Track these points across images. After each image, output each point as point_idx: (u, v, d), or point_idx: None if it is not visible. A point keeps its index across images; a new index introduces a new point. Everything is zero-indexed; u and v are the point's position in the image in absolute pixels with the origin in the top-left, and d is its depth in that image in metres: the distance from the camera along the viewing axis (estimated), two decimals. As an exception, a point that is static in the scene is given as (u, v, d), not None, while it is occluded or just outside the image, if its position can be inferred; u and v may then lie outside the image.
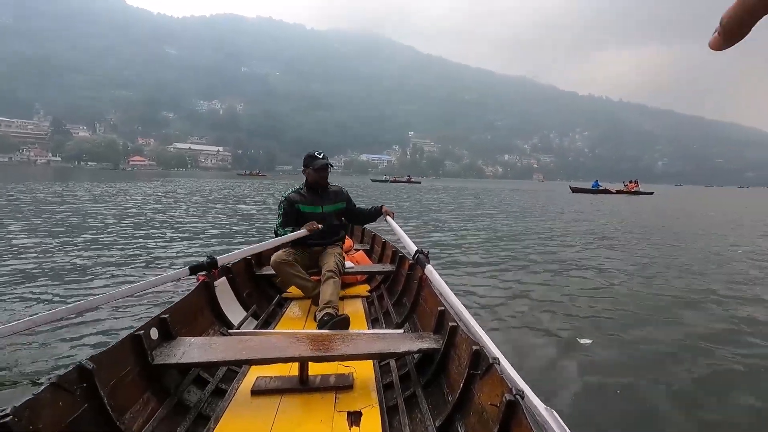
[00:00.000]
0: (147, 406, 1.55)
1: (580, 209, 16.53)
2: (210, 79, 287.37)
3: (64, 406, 1.23)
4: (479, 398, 1.40)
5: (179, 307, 2.07)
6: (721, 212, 17.40)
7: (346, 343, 1.83)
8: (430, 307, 2.25)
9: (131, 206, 11.98)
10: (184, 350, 1.73)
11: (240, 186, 29.30)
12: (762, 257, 6.72)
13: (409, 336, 2.02)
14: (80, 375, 1.32)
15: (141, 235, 7.09)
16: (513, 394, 1.17)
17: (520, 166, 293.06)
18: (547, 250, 6.91)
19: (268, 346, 1.79)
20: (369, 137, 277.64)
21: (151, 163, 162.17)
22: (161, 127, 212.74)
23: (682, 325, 3.40)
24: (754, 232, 10.30)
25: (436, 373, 1.78)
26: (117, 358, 1.51)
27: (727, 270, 5.62)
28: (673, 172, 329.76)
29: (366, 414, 1.57)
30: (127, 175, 57.36)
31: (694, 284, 4.74)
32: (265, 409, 1.61)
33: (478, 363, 1.48)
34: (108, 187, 21.76)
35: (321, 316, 2.40)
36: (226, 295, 2.69)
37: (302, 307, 2.92)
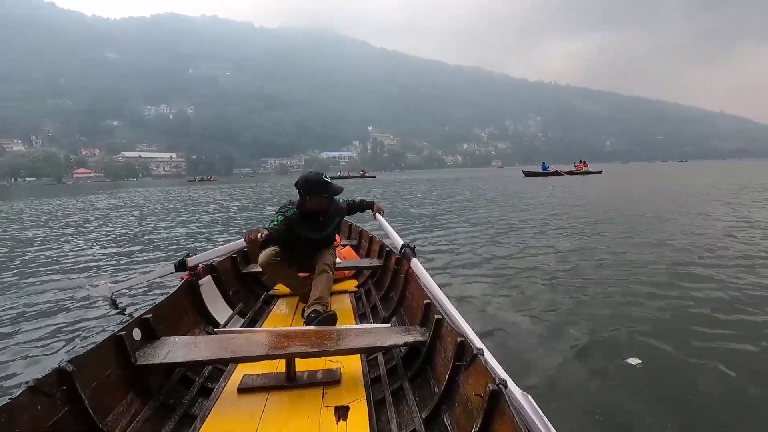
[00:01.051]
0: (131, 408, 1.52)
1: (538, 192, 16.85)
2: (156, 83, 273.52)
3: (42, 409, 1.21)
4: (464, 389, 1.41)
5: (162, 307, 2.04)
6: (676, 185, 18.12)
7: (333, 338, 1.81)
8: (417, 300, 2.24)
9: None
10: (168, 350, 1.70)
11: (186, 195, 26.03)
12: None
13: (395, 330, 2.01)
14: (60, 378, 1.30)
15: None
16: (496, 383, 1.18)
17: (479, 153, 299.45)
18: (511, 233, 6.96)
19: (255, 343, 1.77)
20: (328, 135, 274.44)
21: (98, 174, 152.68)
22: (106, 136, 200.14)
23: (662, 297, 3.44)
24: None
25: (423, 365, 1.78)
26: (98, 359, 1.48)
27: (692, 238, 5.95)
28: (620, 151, 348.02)
29: (353, 408, 1.57)
30: (68, 189, 53.64)
31: (669, 256, 4.89)
32: (251, 407, 1.59)
33: (462, 354, 1.49)
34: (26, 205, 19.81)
35: (308, 313, 2.37)
36: (212, 294, 2.66)
37: (289, 305, 2.91)
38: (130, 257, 5.86)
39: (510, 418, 1.09)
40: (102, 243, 7.28)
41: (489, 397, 1.18)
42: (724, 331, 2.70)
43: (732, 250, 5.03)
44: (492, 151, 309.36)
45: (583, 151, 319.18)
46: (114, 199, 21.98)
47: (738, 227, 6.68)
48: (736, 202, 10.46)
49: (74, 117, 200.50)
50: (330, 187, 2.59)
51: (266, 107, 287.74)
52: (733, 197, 11.66)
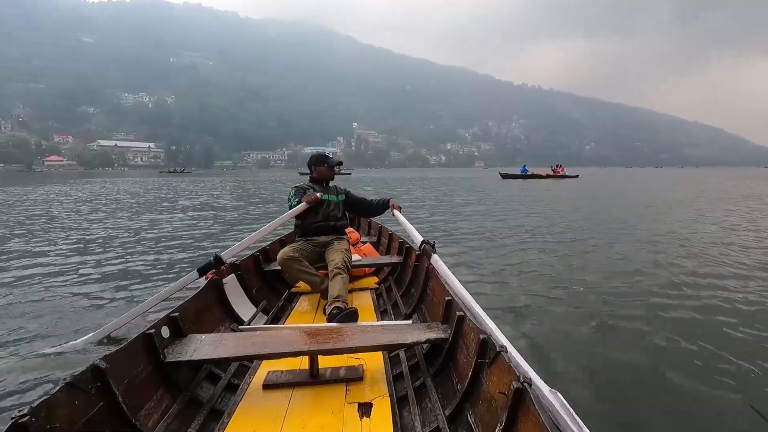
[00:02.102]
0: (161, 403, 1.58)
1: (516, 195, 16.94)
2: (135, 70, 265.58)
3: (79, 405, 1.25)
4: (487, 386, 1.41)
5: (189, 306, 2.09)
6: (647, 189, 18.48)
7: (356, 335, 1.83)
8: (438, 297, 2.24)
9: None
10: (195, 347, 1.75)
11: (159, 187, 24.77)
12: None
13: (417, 327, 2.01)
14: (94, 374, 1.35)
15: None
16: (520, 381, 1.18)
17: (463, 154, 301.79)
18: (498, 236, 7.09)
19: (278, 340, 1.81)
20: (312, 130, 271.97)
21: (71, 162, 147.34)
22: (81, 122, 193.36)
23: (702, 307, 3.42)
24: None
25: (445, 362, 1.78)
26: (130, 356, 1.53)
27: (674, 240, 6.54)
28: (599, 156, 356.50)
29: (376, 405, 1.58)
30: (37, 177, 51.48)
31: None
32: (276, 403, 1.62)
33: (485, 351, 1.49)
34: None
35: (330, 310, 2.43)
36: (236, 292, 2.72)
37: (311, 302, 2.94)
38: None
39: (535, 417, 1.08)
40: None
41: (513, 395, 1.18)
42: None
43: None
44: (475, 151, 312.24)
45: (563, 154, 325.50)
46: (79, 192, 20.99)
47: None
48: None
49: (47, 101, 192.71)
50: (329, 159, 3.21)
51: (248, 99, 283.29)
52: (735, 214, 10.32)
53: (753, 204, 12.62)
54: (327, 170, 3.17)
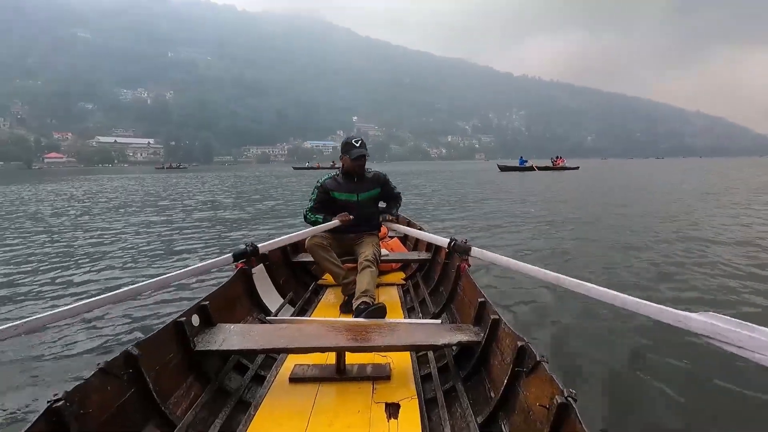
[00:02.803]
0: (190, 392, 1.60)
1: (515, 191, 16.48)
2: (132, 65, 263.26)
3: (112, 390, 1.28)
4: (525, 397, 1.34)
5: (219, 295, 2.10)
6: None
7: (384, 333, 1.82)
8: (469, 297, 2.20)
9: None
10: (224, 337, 1.77)
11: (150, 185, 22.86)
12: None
13: (447, 327, 2.00)
14: (127, 361, 1.37)
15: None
16: (564, 396, 1.11)
17: (463, 146, 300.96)
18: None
19: (306, 334, 1.81)
20: (311, 124, 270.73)
21: (70, 159, 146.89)
22: (79, 119, 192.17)
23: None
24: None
25: (477, 367, 1.75)
26: (161, 344, 1.56)
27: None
28: (600, 147, 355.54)
29: (404, 406, 1.56)
30: (34, 174, 51.11)
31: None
32: (303, 397, 1.63)
33: (523, 360, 1.42)
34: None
35: (357, 305, 2.41)
36: (264, 282, 2.73)
37: (338, 295, 2.90)
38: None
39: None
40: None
41: (557, 410, 1.11)
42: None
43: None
44: (476, 144, 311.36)
45: (564, 146, 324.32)
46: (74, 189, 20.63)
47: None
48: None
49: (44, 99, 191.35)
50: (352, 149, 2.83)
51: (247, 94, 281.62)
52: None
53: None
54: (349, 162, 2.85)
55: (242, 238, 5.85)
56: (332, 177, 2.98)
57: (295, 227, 6.24)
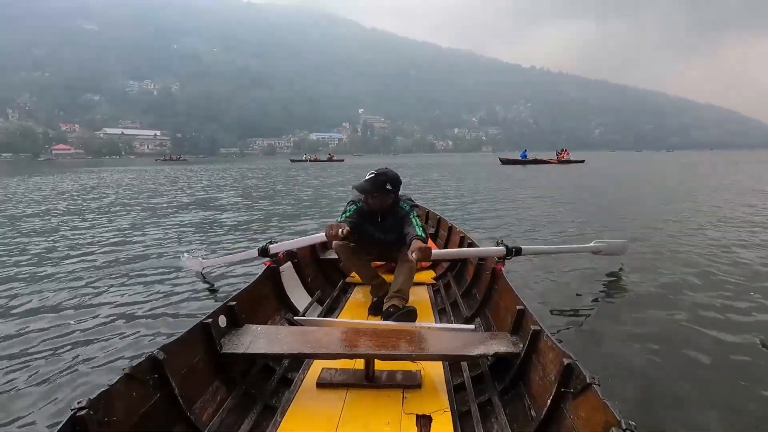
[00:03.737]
0: (216, 396, 1.56)
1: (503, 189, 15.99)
2: (138, 57, 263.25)
3: (137, 396, 1.24)
4: (573, 422, 1.24)
5: (246, 294, 2.06)
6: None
7: (414, 340, 1.75)
8: (506, 303, 2.10)
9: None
10: (251, 339, 1.73)
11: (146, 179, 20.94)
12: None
13: (482, 336, 1.91)
14: (152, 365, 1.33)
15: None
16: (623, 428, 1.01)
17: (470, 139, 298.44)
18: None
19: (334, 339, 1.77)
20: (317, 116, 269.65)
21: (78, 151, 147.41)
22: (86, 111, 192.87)
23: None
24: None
25: (514, 380, 1.65)
26: (187, 347, 1.52)
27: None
28: (608, 140, 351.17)
29: (436, 419, 1.49)
30: (39, 166, 51.00)
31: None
32: (331, 404, 1.58)
33: (570, 380, 1.30)
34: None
35: (387, 307, 2.29)
36: (291, 281, 2.68)
37: (366, 294, 2.82)
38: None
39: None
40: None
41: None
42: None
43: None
44: (482, 136, 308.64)
45: (572, 139, 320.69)
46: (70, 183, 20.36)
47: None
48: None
49: (52, 90, 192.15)
50: (376, 184, 2.47)
51: (253, 86, 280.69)
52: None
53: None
54: (379, 200, 2.52)
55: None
56: (363, 202, 2.61)
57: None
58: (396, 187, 2.50)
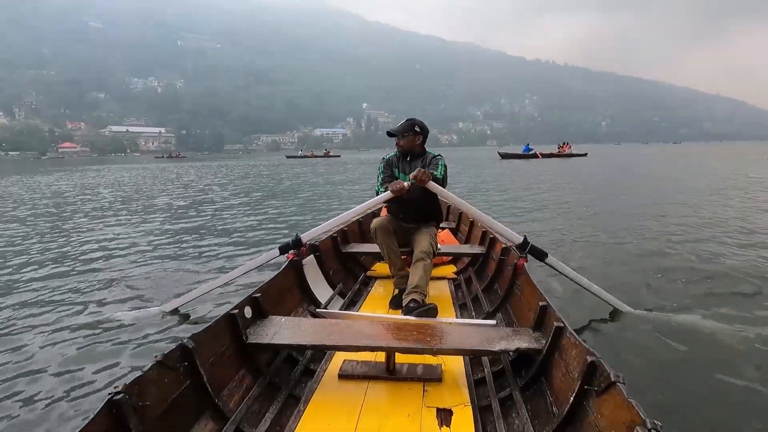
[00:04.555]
0: (242, 384, 1.61)
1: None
2: (142, 54, 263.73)
3: (168, 383, 1.30)
4: (596, 419, 1.22)
5: (270, 286, 2.10)
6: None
7: (436, 334, 1.76)
8: (528, 299, 2.09)
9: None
10: (275, 330, 1.77)
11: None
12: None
13: (503, 331, 1.90)
14: (182, 353, 1.39)
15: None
16: (648, 428, 0.98)
17: (474, 133, 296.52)
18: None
19: (356, 332, 1.79)
20: (321, 111, 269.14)
21: (84, 149, 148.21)
22: (92, 109, 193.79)
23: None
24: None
25: (536, 376, 1.64)
26: (214, 336, 1.57)
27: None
28: (616, 132, 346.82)
29: (457, 413, 1.50)
30: (43, 164, 51.21)
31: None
32: (352, 395, 1.60)
33: (593, 377, 1.29)
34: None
35: (407, 302, 2.31)
36: (314, 273, 2.71)
37: (387, 287, 2.86)
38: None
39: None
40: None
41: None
42: None
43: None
44: (487, 130, 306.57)
45: (578, 132, 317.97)
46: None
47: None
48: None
49: (57, 88, 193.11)
50: (401, 125, 2.78)
51: (257, 82, 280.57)
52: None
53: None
54: (409, 143, 2.78)
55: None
56: (395, 155, 2.90)
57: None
58: (424, 131, 2.76)
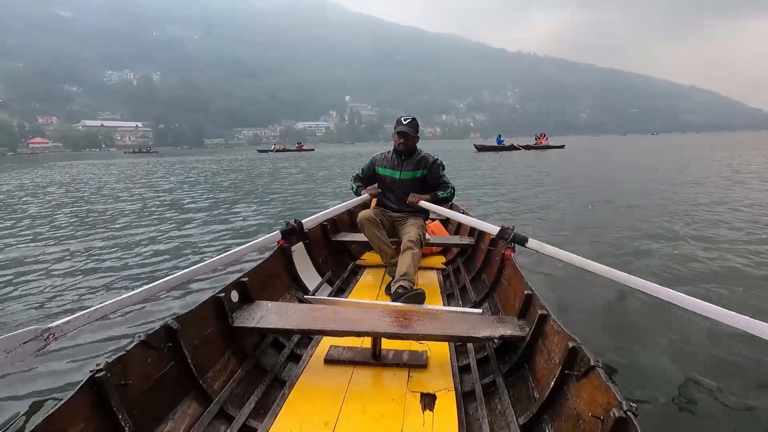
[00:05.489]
0: (227, 367, 1.62)
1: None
2: (116, 46, 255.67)
3: (152, 362, 1.31)
4: (575, 403, 1.26)
5: (258, 271, 2.11)
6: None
7: (422, 321, 1.79)
8: (514, 289, 2.12)
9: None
10: (261, 314, 1.78)
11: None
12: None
13: (489, 319, 1.93)
14: (166, 334, 1.39)
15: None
16: (624, 409, 1.01)
17: (458, 125, 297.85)
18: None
19: (342, 317, 1.81)
20: (303, 104, 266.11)
21: (56, 144, 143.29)
22: (64, 102, 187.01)
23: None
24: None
25: (519, 363, 1.68)
26: (200, 319, 1.57)
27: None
28: (595, 123, 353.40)
29: (441, 398, 1.52)
30: (7, 160, 48.77)
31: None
32: (337, 380, 1.62)
33: (574, 362, 1.32)
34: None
35: (395, 288, 2.34)
36: (303, 261, 2.72)
37: (376, 276, 2.92)
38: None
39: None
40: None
41: (613, 424, 1.01)
42: None
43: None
44: (470, 122, 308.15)
45: (559, 123, 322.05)
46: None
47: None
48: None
49: (26, 81, 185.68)
50: (398, 124, 2.76)
51: (237, 75, 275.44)
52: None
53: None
54: (396, 138, 2.80)
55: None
56: (384, 153, 2.96)
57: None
58: (418, 133, 2.83)
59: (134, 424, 1.16)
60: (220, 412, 1.42)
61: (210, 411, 1.39)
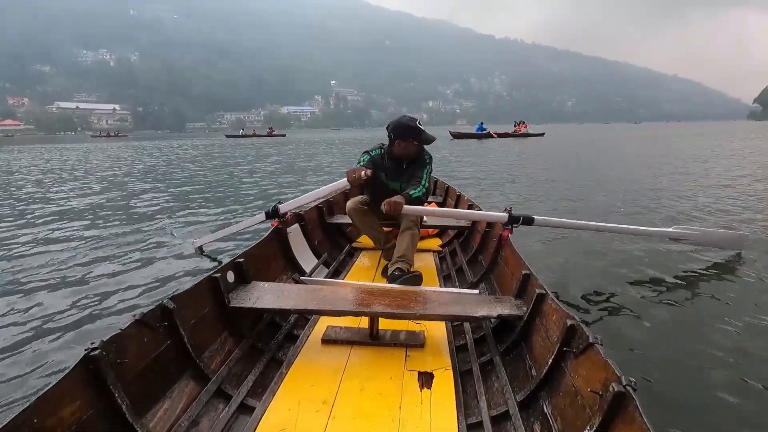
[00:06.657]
0: (224, 347, 1.62)
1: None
2: (91, 25, 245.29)
3: (147, 342, 1.30)
4: (573, 379, 1.26)
5: (254, 252, 2.11)
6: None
7: (419, 301, 1.79)
8: (512, 269, 2.12)
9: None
10: (258, 295, 1.79)
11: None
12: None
13: (486, 299, 1.95)
14: (162, 313, 1.38)
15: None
16: (623, 384, 1.00)
17: (444, 111, 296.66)
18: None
19: (339, 297, 1.81)
20: (288, 88, 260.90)
21: (28, 127, 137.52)
22: (36, 83, 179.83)
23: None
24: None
25: (516, 341, 1.67)
26: (196, 298, 1.57)
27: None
28: (580, 111, 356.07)
29: (438, 376, 1.53)
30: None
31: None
32: (335, 359, 1.62)
33: (572, 340, 1.32)
34: None
35: (392, 270, 2.31)
36: (299, 243, 2.72)
37: (372, 258, 2.90)
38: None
39: (642, 430, 0.91)
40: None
41: (612, 399, 1.00)
42: None
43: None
44: (457, 109, 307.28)
45: (545, 110, 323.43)
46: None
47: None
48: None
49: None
50: (422, 134, 2.46)
51: (219, 57, 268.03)
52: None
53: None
54: (414, 149, 2.51)
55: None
56: (381, 154, 2.60)
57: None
58: (421, 139, 2.51)
59: (131, 402, 1.16)
60: (218, 391, 1.42)
61: (208, 389, 1.40)
